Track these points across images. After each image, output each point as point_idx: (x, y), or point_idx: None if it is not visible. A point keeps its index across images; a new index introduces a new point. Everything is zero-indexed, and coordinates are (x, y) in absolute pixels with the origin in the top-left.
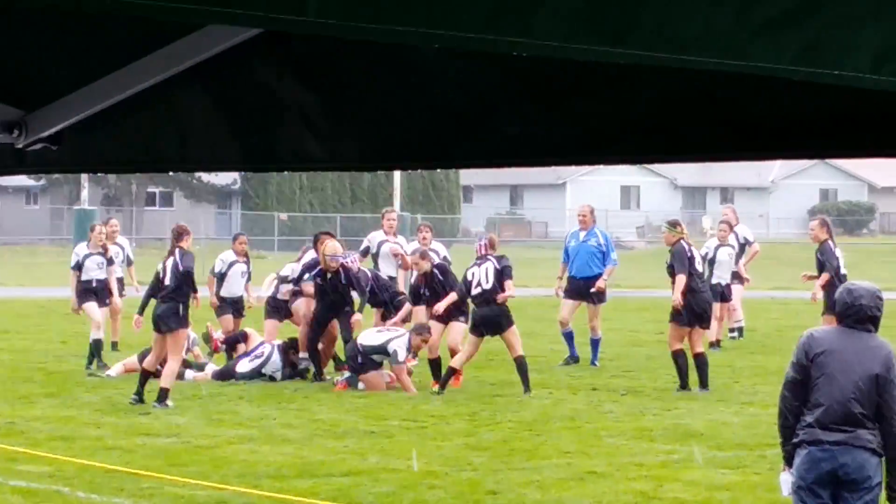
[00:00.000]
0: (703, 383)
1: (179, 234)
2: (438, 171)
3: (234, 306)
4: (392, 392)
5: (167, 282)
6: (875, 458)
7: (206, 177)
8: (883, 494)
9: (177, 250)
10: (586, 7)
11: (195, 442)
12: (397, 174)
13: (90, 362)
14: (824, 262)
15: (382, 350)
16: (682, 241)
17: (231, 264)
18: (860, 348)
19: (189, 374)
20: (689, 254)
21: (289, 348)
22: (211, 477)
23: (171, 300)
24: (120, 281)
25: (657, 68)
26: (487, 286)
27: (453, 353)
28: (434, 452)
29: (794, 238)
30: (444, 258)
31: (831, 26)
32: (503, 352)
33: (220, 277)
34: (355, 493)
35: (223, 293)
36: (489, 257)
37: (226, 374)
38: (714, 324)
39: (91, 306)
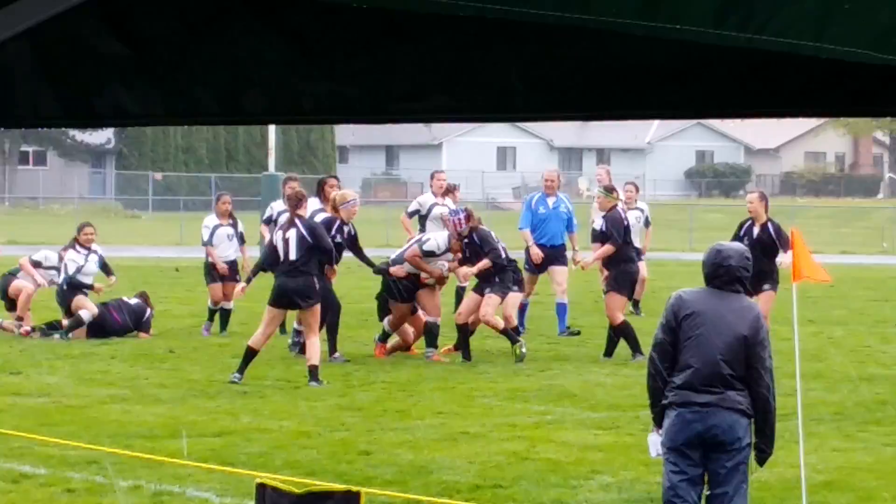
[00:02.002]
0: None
1: (299, 200)
2: (314, 130)
3: (225, 271)
4: (265, 352)
5: (293, 255)
6: (745, 419)
7: (79, 136)
8: (752, 455)
9: (297, 220)
10: None
11: (66, 402)
12: (272, 134)
13: None
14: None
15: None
16: (617, 208)
17: (215, 228)
18: (729, 310)
19: (55, 335)
20: (625, 222)
21: None
22: (82, 437)
23: (306, 273)
24: None
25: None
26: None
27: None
28: (307, 412)
29: (670, 200)
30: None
31: None
32: (375, 312)
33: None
34: (227, 453)
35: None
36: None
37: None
38: None
39: None
